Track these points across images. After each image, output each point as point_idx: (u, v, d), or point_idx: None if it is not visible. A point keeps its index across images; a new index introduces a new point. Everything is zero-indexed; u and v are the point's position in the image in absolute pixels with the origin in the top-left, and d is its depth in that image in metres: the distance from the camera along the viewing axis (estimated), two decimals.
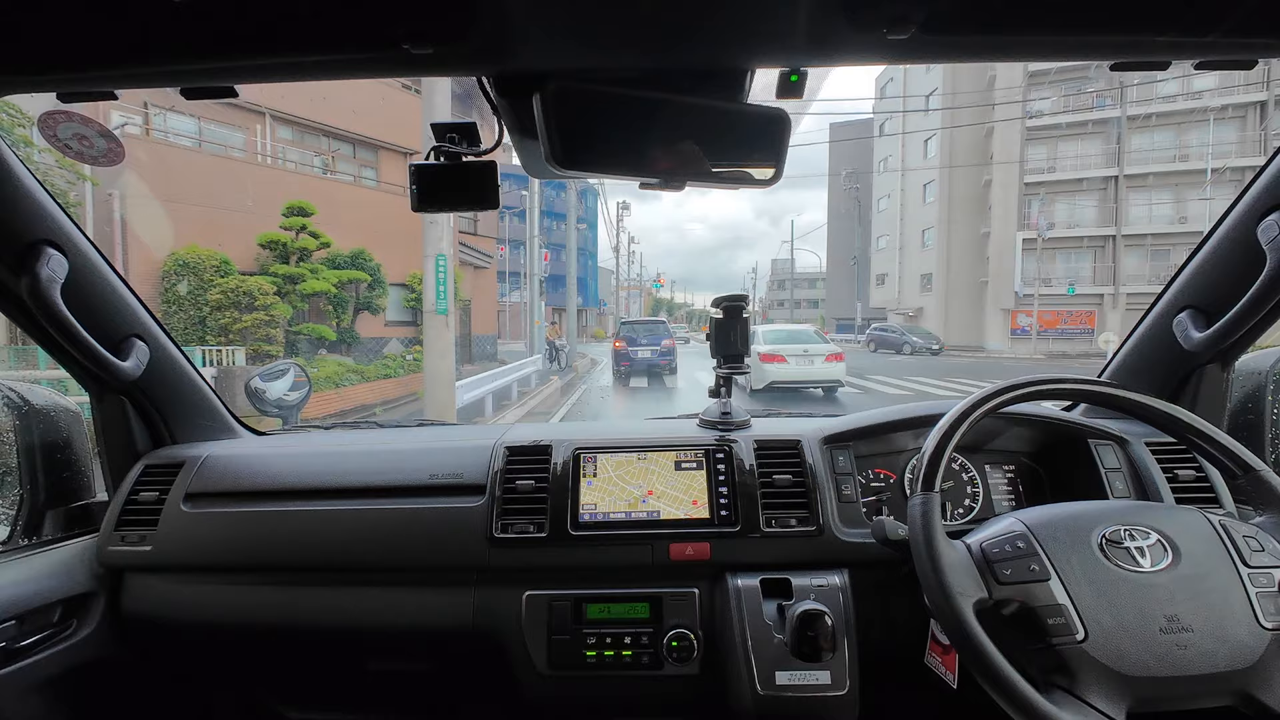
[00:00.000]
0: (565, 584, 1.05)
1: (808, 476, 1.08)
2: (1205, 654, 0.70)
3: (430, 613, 1.07)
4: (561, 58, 0.70)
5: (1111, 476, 1.07)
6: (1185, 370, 1.15)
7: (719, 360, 1.21)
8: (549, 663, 1.01)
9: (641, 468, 1.11)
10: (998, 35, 0.68)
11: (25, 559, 1.05)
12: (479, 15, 0.62)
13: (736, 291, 1.23)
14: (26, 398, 1.17)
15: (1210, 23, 0.64)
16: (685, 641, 1.00)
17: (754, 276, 70.14)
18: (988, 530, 0.83)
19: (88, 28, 0.64)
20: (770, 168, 0.78)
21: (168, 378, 1.24)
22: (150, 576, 1.12)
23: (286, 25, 0.63)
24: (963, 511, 1.14)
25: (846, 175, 39.15)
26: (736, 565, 1.03)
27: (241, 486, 1.15)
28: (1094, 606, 0.73)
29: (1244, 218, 0.98)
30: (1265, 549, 0.76)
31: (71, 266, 0.98)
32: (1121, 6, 0.63)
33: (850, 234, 43.53)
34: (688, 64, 0.73)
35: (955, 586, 0.74)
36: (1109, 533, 0.78)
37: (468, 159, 0.84)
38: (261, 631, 1.11)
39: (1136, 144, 24.41)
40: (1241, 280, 0.96)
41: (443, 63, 0.72)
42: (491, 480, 1.10)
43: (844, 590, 0.99)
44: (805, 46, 0.68)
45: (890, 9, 0.61)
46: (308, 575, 1.10)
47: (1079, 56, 0.75)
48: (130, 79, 0.74)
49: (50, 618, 1.03)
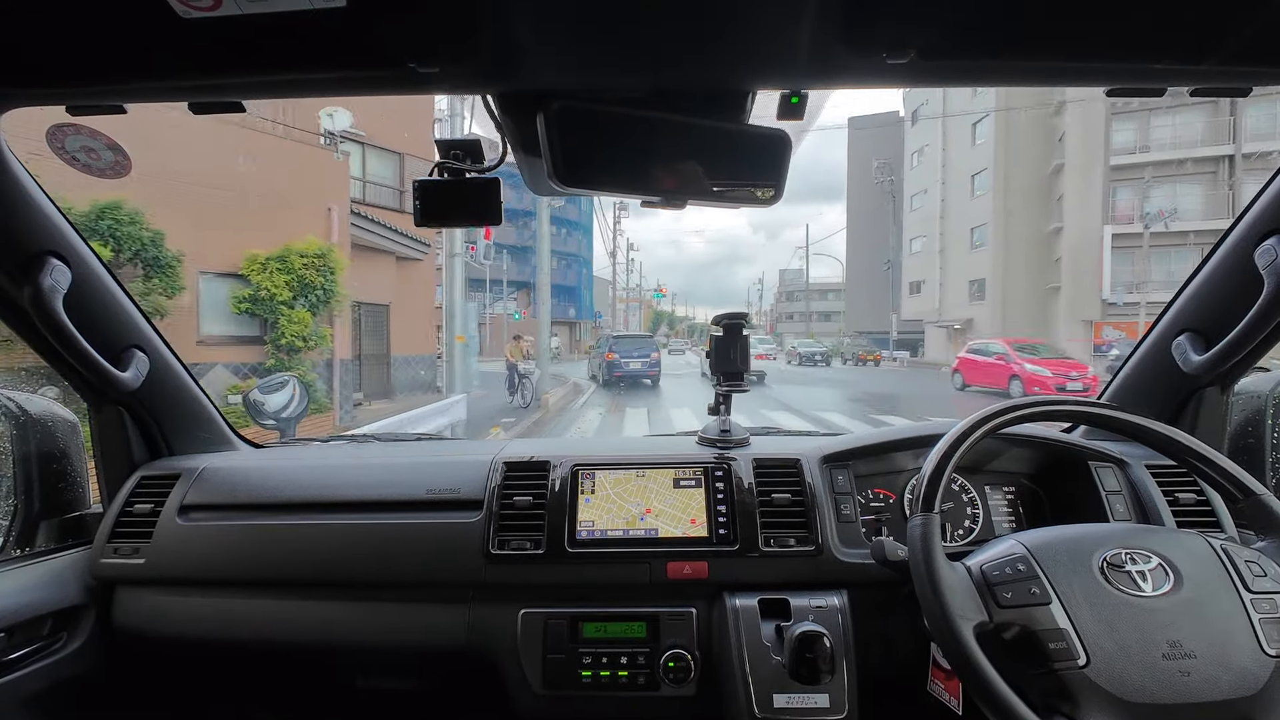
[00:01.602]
0: (561, 602, 1.04)
1: (807, 496, 1.07)
2: (1208, 681, 0.68)
3: (425, 629, 1.06)
4: (565, 78, 0.72)
5: (1112, 499, 1.06)
6: (1185, 393, 1.14)
7: (719, 378, 1.21)
8: (544, 682, 1.00)
9: (640, 485, 1.11)
10: (995, 60, 0.69)
11: (16, 570, 1.04)
12: (485, 36, 0.64)
13: (736, 309, 1.26)
14: (24, 407, 1.16)
15: (1205, 51, 0.66)
16: (682, 662, 0.99)
17: (760, 288, 65.98)
18: (988, 552, 0.81)
19: (98, 44, 0.66)
20: (770, 187, 0.80)
21: (167, 389, 1.24)
22: (142, 590, 1.11)
23: (295, 44, 0.65)
24: (963, 533, 1.13)
25: (878, 166, 34.16)
26: (735, 585, 1.02)
27: (237, 499, 1.15)
28: (1095, 631, 0.71)
29: (1241, 241, 0.99)
30: (1268, 574, 0.75)
31: (74, 277, 0.99)
32: (1118, 34, 0.65)
33: (874, 239, 38.84)
34: (690, 85, 0.75)
35: (955, 609, 0.73)
36: (1110, 556, 0.77)
37: (471, 175, 0.84)
38: (253, 647, 1.10)
39: (1255, 116, 19.75)
40: (1240, 303, 0.96)
41: (449, 81, 0.76)
42: (489, 496, 1.10)
43: (843, 611, 0.98)
44: (806, 69, 0.70)
45: (889, 34, 0.63)
46: (302, 590, 1.08)
47: (1076, 83, 0.78)
48: (139, 94, 0.76)
49: (40, 630, 1.02)
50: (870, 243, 39.66)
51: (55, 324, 0.95)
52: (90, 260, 1.04)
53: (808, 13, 0.60)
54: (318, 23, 0.60)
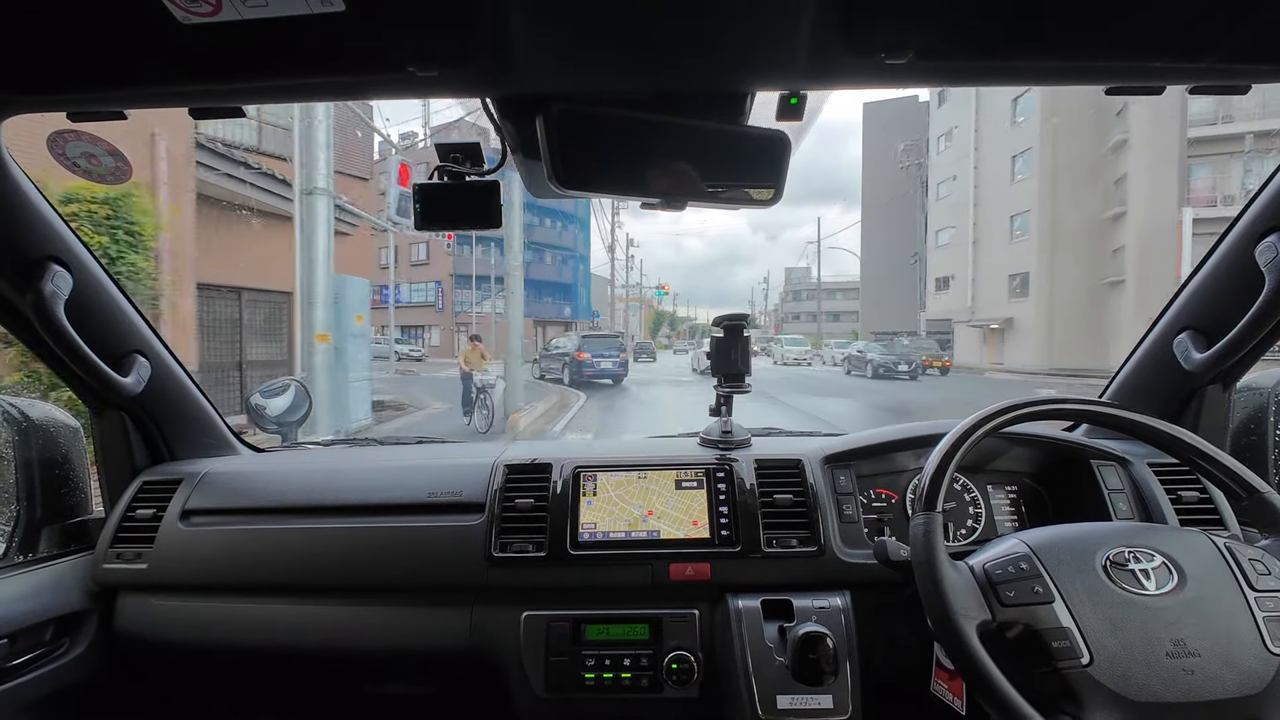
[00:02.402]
0: (564, 604, 1.03)
1: (809, 496, 1.07)
2: (1213, 679, 0.68)
3: (427, 633, 1.06)
4: (564, 81, 0.72)
5: (1114, 497, 1.06)
6: (1186, 391, 1.14)
7: (720, 379, 1.20)
8: (546, 685, 0.99)
9: (641, 487, 1.10)
10: (994, 60, 0.69)
11: (19, 576, 1.04)
12: (484, 40, 0.63)
13: (737, 310, 1.40)
14: (26, 412, 1.15)
15: (1204, 50, 0.66)
16: (685, 664, 0.98)
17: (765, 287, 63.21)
18: (990, 551, 0.81)
19: (99, 50, 0.66)
20: (770, 188, 0.80)
21: (168, 394, 1.24)
22: (144, 595, 1.10)
23: (295, 49, 0.64)
24: (965, 532, 1.12)
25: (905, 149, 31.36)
26: (737, 586, 1.02)
27: (239, 504, 1.14)
28: (1099, 630, 0.71)
29: (1242, 239, 0.98)
30: (1272, 572, 0.75)
31: (76, 283, 0.98)
32: (1118, 34, 0.65)
33: (892, 232, 35.77)
34: (689, 87, 0.74)
35: (958, 608, 0.73)
36: (1113, 554, 0.77)
37: (471, 178, 0.84)
38: (256, 652, 1.09)
39: None
40: (1240, 301, 0.95)
41: (448, 85, 0.74)
42: (490, 499, 1.09)
43: (846, 612, 0.97)
44: (805, 70, 0.70)
45: (888, 34, 0.62)
46: (304, 594, 1.08)
47: (1076, 81, 0.77)
48: (139, 99, 0.75)
49: (42, 637, 1.02)
50: (888, 236, 36.40)
51: (57, 329, 0.95)
52: (91, 265, 1.04)
53: (807, 13, 0.60)
54: (317, 27, 0.59)
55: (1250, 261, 0.93)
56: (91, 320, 1.03)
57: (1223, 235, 1.01)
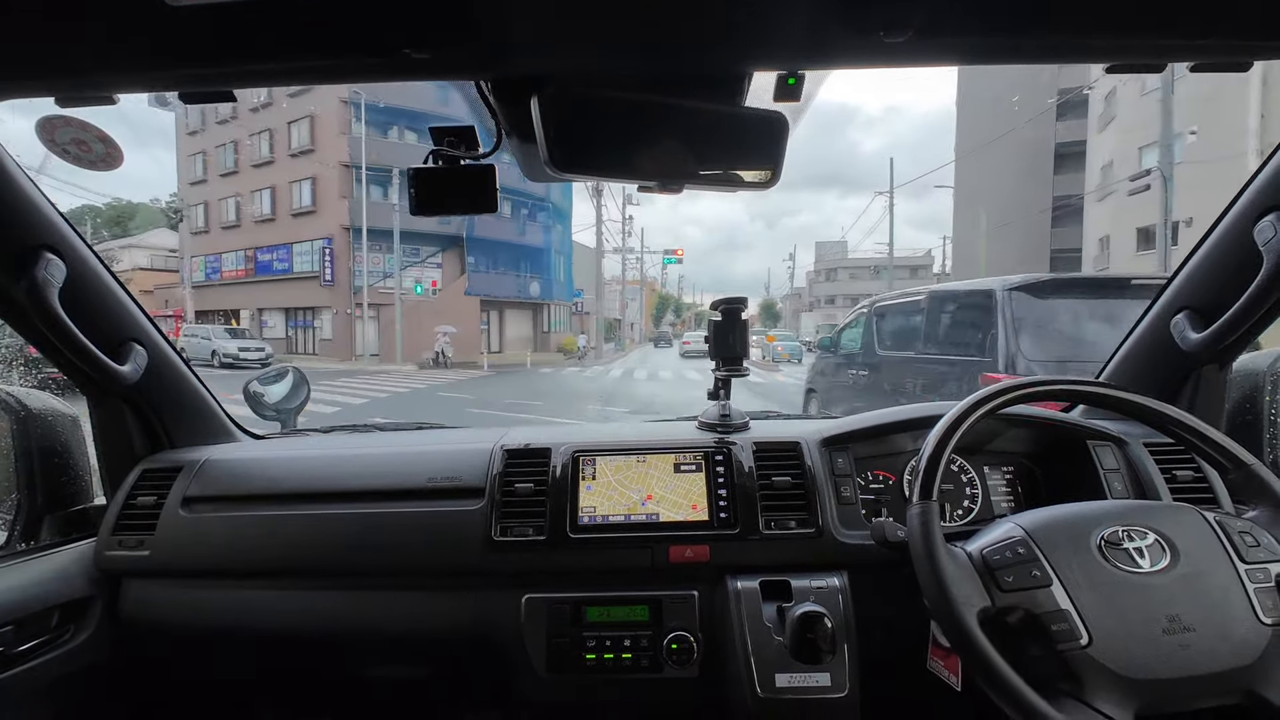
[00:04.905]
0: (564, 587, 1.04)
1: (807, 478, 1.08)
2: (1208, 653, 0.69)
3: (429, 617, 1.07)
4: (559, 62, 0.71)
5: (1110, 477, 1.07)
6: (1183, 371, 1.15)
7: (718, 363, 1.20)
8: (548, 666, 1.01)
9: (640, 471, 1.11)
10: (994, 38, 0.68)
11: (22, 564, 1.05)
12: (478, 21, 0.63)
13: (737, 294, 1.21)
14: (24, 402, 1.16)
15: (1207, 26, 0.65)
16: (685, 644, 0.99)
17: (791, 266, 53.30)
18: (987, 537, 0.82)
19: (86, 33, 0.65)
20: (768, 170, 0.79)
21: (166, 382, 1.24)
22: (147, 581, 1.11)
23: (286, 31, 0.63)
24: (961, 513, 1.13)
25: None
26: (736, 567, 1.03)
27: (239, 490, 1.15)
28: (1096, 610, 0.72)
29: (1240, 219, 0.98)
30: (1260, 544, 0.76)
31: (70, 271, 0.99)
32: (1119, 11, 0.64)
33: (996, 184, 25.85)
34: (685, 68, 0.73)
35: (959, 597, 0.73)
36: (1107, 534, 0.78)
37: (466, 162, 0.84)
38: (259, 637, 1.10)
39: None
40: (1238, 281, 0.96)
41: (442, 67, 0.73)
42: (490, 483, 1.10)
43: (843, 592, 0.98)
44: (803, 49, 0.69)
45: (887, 12, 0.62)
46: (306, 580, 1.09)
47: (1076, 59, 0.76)
48: (129, 84, 0.75)
49: (47, 623, 1.03)
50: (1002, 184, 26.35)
51: (51, 318, 0.95)
52: (85, 254, 1.04)
53: None
54: (309, 8, 0.59)
55: (1249, 241, 0.94)
56: (87, 309, 1.04)
57: (1221, 215, 1.02)
